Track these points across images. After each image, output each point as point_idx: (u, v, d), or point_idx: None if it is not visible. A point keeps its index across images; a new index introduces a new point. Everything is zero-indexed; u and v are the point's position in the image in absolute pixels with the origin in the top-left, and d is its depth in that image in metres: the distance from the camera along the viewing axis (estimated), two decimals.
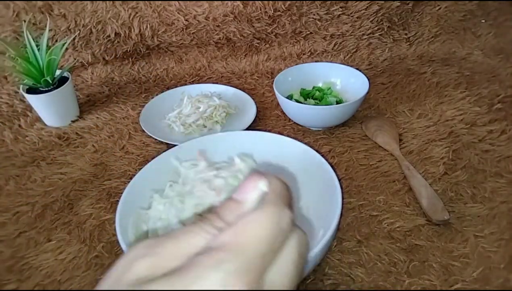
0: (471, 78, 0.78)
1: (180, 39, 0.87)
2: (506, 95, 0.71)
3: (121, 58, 0.88)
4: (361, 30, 0.91)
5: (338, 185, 0.42)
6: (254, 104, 0.69)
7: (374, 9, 0.88)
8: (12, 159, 0.64)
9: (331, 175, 0.44)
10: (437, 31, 0.94)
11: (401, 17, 0.93)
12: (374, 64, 0.86)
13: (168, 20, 0.84)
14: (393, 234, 0.47)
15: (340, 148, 0.62)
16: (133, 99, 0.79)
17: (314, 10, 0.87)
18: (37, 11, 0.79)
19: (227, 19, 0.84)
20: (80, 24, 0.81)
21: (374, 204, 0.51)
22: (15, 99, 0.79)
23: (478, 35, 0.94)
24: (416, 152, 0.60)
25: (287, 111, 0.67)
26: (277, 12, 0.85)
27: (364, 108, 0.71)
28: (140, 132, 0.68)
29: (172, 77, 0.87)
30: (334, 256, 0.45)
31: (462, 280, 0.41)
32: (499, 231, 0.46)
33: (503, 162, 0.57)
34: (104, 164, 0.61)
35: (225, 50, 0.90)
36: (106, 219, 0.51)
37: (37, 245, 0.49)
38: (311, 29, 0.90)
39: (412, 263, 0.43)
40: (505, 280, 0.41)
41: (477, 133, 0.62)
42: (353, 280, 0.42)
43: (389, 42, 0.92)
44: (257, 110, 0.68)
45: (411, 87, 0.76)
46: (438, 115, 0.67)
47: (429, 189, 0.51)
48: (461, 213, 0.49)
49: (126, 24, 0.83)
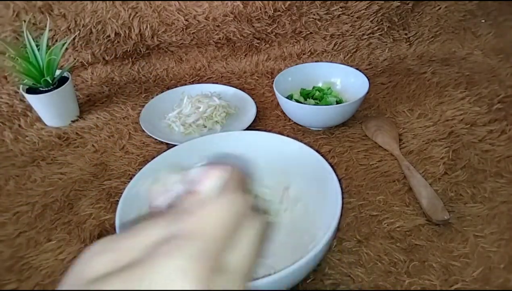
0: (471, 78, 0.78)
1: (180, 39, 0.87)
2: (506, 95, 0.71)
3: (121, 58, 0.88)
4: (361, 30, 0.91)
5: (338, 185, 0.42)
6: (254, 104, 0.69)
7: (374, 9, 0.88)
8: (12, 158, 0.64)
9: (331, 175, 0.44)
10: (437, 31, 0.94)
11: (401, 17, 0.93)
12: (374, 64, 0.86)
13: (168, 20, 0.84)
14: (393, 234, 0.47)
15: (340, 147, 0.62)
16: (133, 99, 0.79)
17: (314, 10, 0.87)
18: (37, 11, 0.79)
19: (227, 19, 0.84)
20: (80, 24, 0.81)
21: (374, 204, 0.51)
22: (15, 99, 0.79)
23: (478, 35, 0.94)
24: (416, 152, 0.60)
25: (287, 111, 0.67)
26: (277, 12, 0.85)
27: (364, 108, 0.71)
28: (140, 132, 0.68)
29: (172, 77, 0.87)
30: (334, 256, 0.45)
31: (462, 280, 0.41)
32: (499, 231, 0.46)
33: (503, 161, 0.57)
34: (104, 164, 0.61)
35: (225, 50, 0.90)
36: (106, 219, 0.51)
37: (37, 245, 0.49)
38: (311, 29, 0.90)
39: (412, 263, 0.43)
40: (505, 280, 0.41)
41: (477, 133, 0.62)
42: (353, 280, 0.42)
43: (389, 42, 0.92)
44: (257, 110, 0.68)
45: (411, 87, 0.76)
46: (438, 115, 0.67)
47: (429, 189, 0.51)
48: (461, 213, 0.49)
49: (126, 24, 0.83)
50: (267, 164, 0.52)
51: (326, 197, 0.43)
